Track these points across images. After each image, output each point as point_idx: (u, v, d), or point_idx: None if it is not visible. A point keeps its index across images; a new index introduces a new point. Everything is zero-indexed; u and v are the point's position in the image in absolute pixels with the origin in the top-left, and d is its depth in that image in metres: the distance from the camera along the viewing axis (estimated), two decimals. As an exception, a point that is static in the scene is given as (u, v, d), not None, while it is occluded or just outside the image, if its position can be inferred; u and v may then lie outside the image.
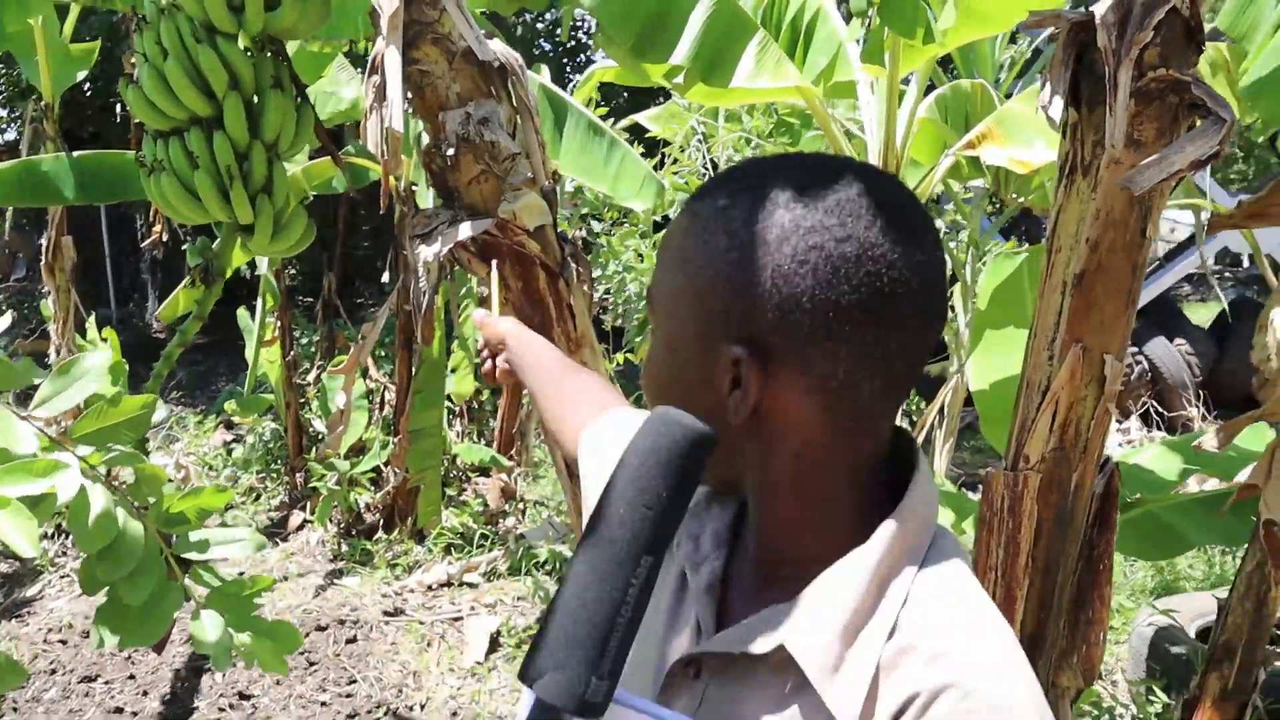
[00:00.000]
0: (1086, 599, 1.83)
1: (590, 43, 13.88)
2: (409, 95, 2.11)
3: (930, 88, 3.75)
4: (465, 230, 2.10)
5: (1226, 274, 14.16)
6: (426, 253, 2.11)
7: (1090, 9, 1.49)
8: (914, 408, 5.18)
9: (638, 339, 5.47)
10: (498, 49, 2.16)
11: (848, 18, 3.24)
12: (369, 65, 2.05)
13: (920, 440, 4.35)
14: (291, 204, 2.19)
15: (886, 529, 0.80)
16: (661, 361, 0.87)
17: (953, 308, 4.38)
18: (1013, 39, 5.42)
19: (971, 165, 3.62)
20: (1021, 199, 3.90)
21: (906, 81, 3.20)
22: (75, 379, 1.87)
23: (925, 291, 0.78)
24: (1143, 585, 4.84)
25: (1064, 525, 1.76)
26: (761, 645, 0.80)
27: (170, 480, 2.02)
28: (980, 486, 1.84)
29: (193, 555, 1.96)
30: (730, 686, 0.83)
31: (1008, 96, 3.89)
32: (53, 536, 5.41)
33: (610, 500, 0.74)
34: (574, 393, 1.38)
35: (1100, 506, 1.80)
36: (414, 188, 4.71)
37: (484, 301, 5.66)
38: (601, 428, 1.19)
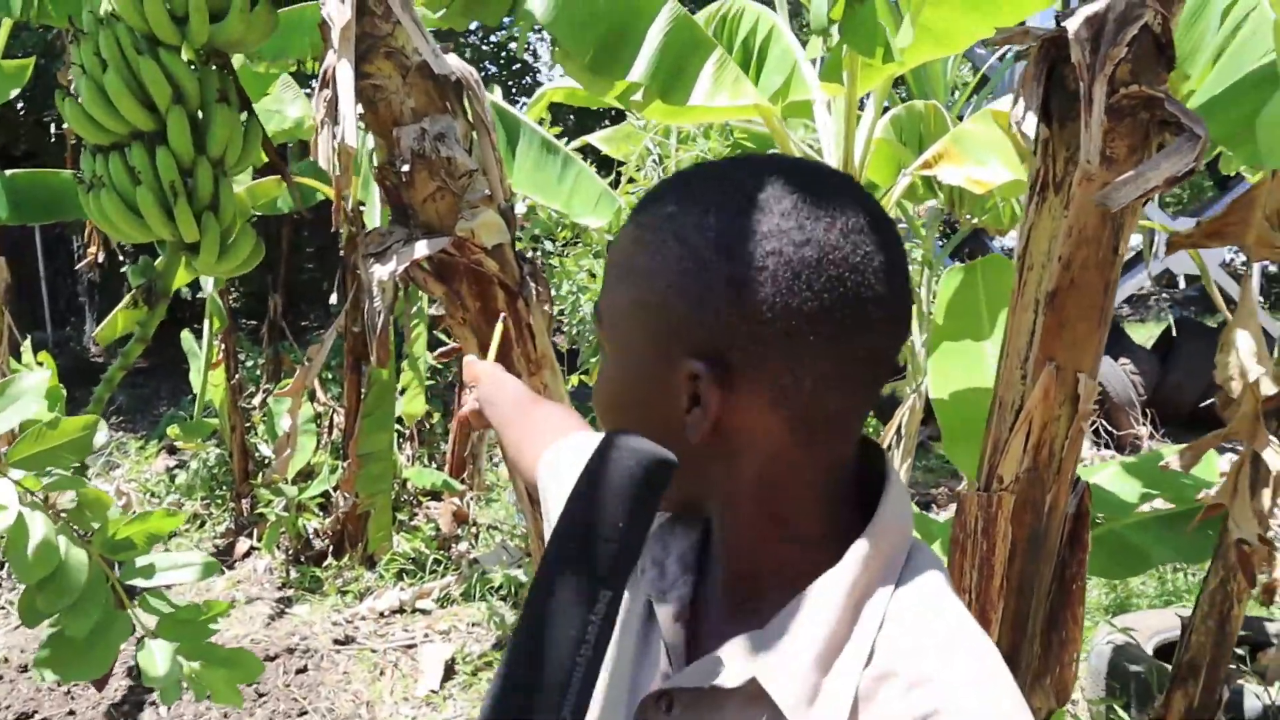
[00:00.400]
0: (1059, 619, 1.81)
1: (537, 65, 13.88)
2: (361, 110, 2.05)
3: (885, 109, 3.76)
4: (421, 249, 2.04)
5: (1164, 294, 14.47)
6: (381, 272, 2.05)
7: (1063, 25, 1.47)
8: (871, 428, 5.18)
9: (592, 360, 5.41)
10: (454, 64, 2.11)
11: (803, 41, 3.23)
12: (320, 79, 1.99)
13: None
14: (239, 222, 2.11)
15: (859, 548, 0.75)
16: (613, 381, 0.82)
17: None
18: (970, 60, 5.48)
19: (925, 186, 3.64)
20: (975, 219, 3.92)
21: (864, 102, 3.20)
22: (11, 400, 1.78)
23: (891, 294, 0.74)
24: (1098, 603, 4.87)
25: (1038, 546, 1.73)
26: (733, 678, 0.75)
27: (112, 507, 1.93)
28: (934, 507, 1.82)
29: (140, 582, 1.87)
30: (702, 714, 0.78)
31: (959, 119, 3.92)
32: (-12, 567, 5.22)
33: (563, 534, 0.71)
34: (536, 422, 1.34)
35: (1073, 526, 1.77)
36: (362, 207, 4.63)
37: (435, 326, 5.57)
38: (560, 451, 1.15)
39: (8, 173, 4.63)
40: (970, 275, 2.83)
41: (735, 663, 0.75)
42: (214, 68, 2.08)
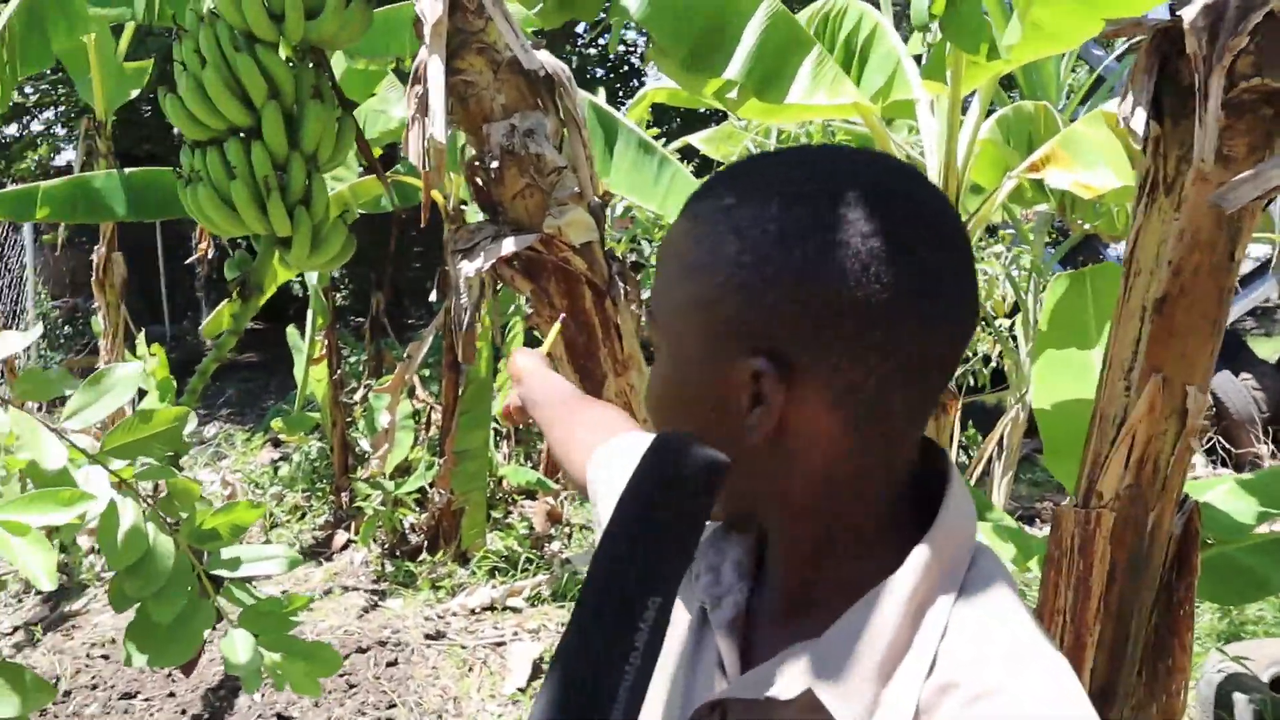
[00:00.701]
0: (1166, 646, 1.71)
1: (643, 68, 13.89)
2: (452, 106, 2.05)
3: (992, 110, 3.64)
4: (508, 245, 2.03)
5: (1291, 308, 13.77)
6: (468, 268, 2.05)
7: (1178, 14, 1.38)
8: (971, 439, 5.03)
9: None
10: (545, 59, 2.10)
11: (906, 36, 3.14)
12: (412, 75, 1.99)
13: (977, 473, 4.21)
14: (331, 217, 2.14)
15: (920, 554, 0.71)
16: (666, 380, 0.79)
17: (1014, 336, 4.24)
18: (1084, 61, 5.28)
19: (1034, 189, 3.50)
20: (1086, 225, 3.77)
21: (968, 101, 3.09)
22: (106, 390, 1.82)
23: (961, 289, 0.71)
24: (1210, 628, 4.64)
25: (1139, 568, 1.63)
26: (788, 689, 0.71)
27: (203, 498, 1.97)
28: (1038, 521, 1.73)
29: (224, 573, 1.90)
30: None
31: (1072, 120, 3.77)
32: (97, 551, 5.42)
33: (614, 537, 0.69)
34: (584, 422, 1.31)
35: (1180, 548, 1.67)
36: (464, 206, 4.67)
37: (530, 325, 5.61)
38: (610, 451, 1.13)
39: (127, 171, 4.81)
40: (1078, 284, 2.71)
41: (791, 673, 0.72)
42: (310, 65, 2.10)
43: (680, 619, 0.86)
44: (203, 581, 1.90)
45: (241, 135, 2.03)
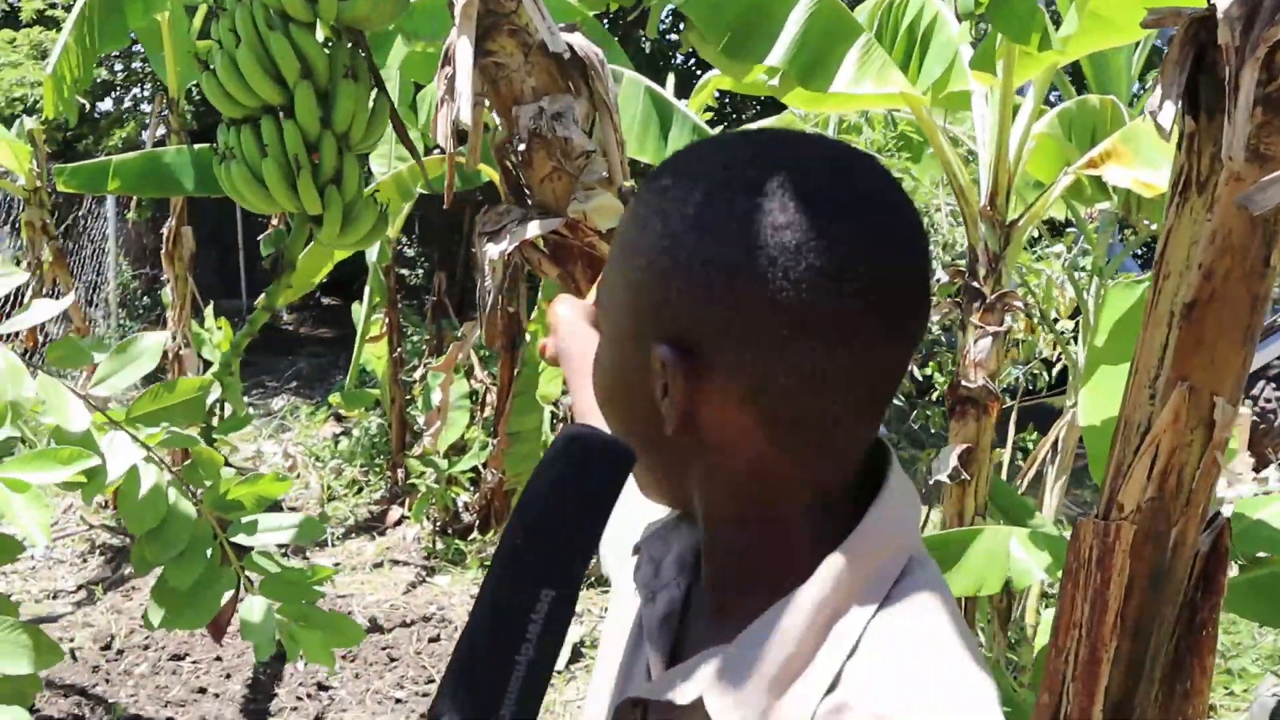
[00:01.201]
0: (1185, 668, 1.64)
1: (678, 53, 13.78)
2: (483, 89, 2.04)
3: (1050, 103, 3.54)
4: (533, 229, 2.02)
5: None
6: (493, 251, 2.04)
7: (1213, 2, 1.31)
8: (1028, 441, 4.91)
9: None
10: (578, 42, 2.07)
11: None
12: (442, 57, 1.99)
13: (1029, 476, 4.11)
14: (363, 196, 2.15)
15: (832, 563, 0.68)
16: (602, 365, 0.78)
17: (1075, 338, 4.12)
18: (1160, 58, 5.10)
19: (1096, 186, 3.39)
20: (1153, 224, 3.63)
21: (1023, 93, 3.00)
22: (132, 359, 1.86)
23: (902, 298, 0.66)
24: (1272, 650, 4.47)
25: (1160, 584, 1.57)
26: (685, 695, 0.69)
27: (238, 469, 2.00)
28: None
29: (243, 539, 1.93)
30: None
31: (1142, 116, 3.63)
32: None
33: (512, 528, 0.67)
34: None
35: (1205, 565, 1.60)
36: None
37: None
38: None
39: (196, 147, 4.92)
40: (1139, 297, 2.62)
41: (697, 678, 0.70)
42: (347, 45, 2.11)
43: (628, 610, 0.85)
44: (225, 549, 1.93)
45: (275, 114, 2.05)
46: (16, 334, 5.16)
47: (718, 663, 0.69)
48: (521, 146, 2.03)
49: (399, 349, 5.99)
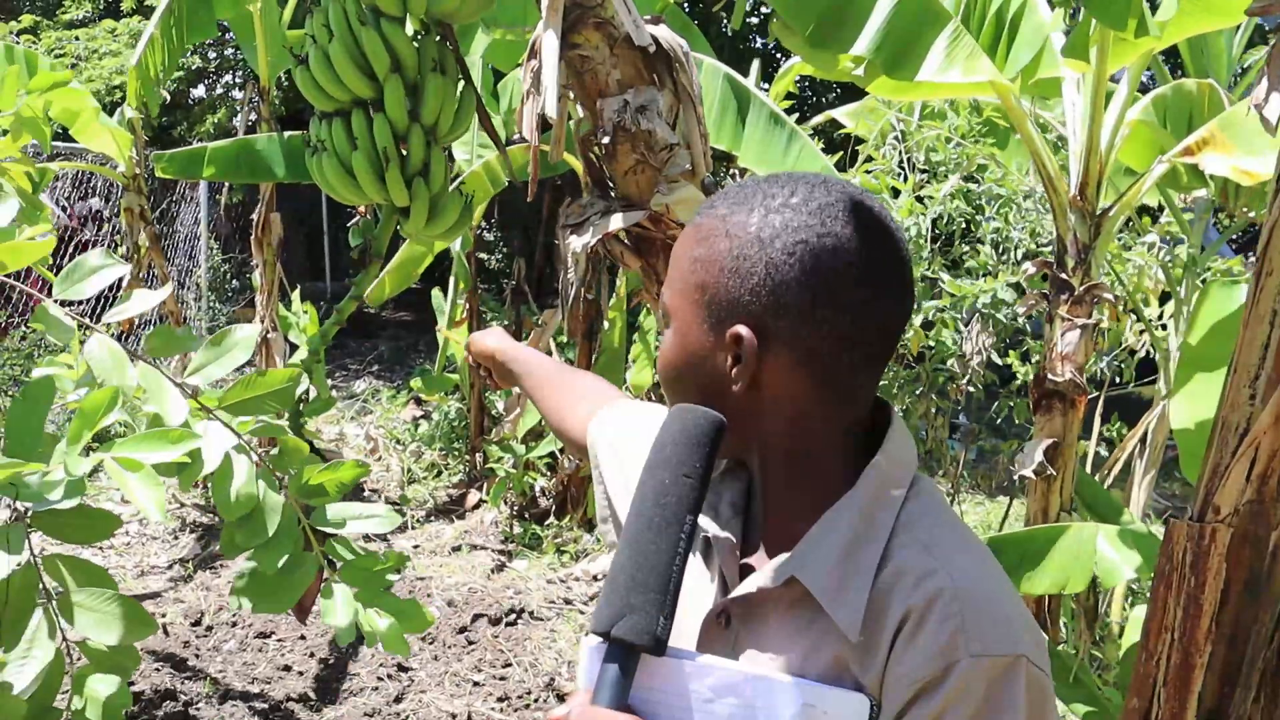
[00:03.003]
0: (1283, 674, 1.59)
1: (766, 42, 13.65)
2: (569, 81, 2.05)
3: (1151, 88, 3.43)
4: (616, 221, 2.03)
5: None
6: (576, 243, 2.06)
7: (1323, -8, 1.26)
8: (1115, 432, 4.79)
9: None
10: (663, 35, 2.07)
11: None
12: (529, 50, 2.01)
13: (1116, 469, 4.01)
14: (448, 188, 2.18)
15: (869, 472, 0.95)
16: (674, 350, 1.01)
17: (1164, 325, 4.01)
18: (1262, 38, 4.92)
19: (1192, 174, 3.28)
20: (1251, 212, 3.51)
21: (1117, 79, 2.92)
22: (226, 350, 1.90)
23: (893, 276, 0.95)
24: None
25: (1258, 589, 1.52)
26: (777, 580, 0.94)
27: (320, 453, 2.05)
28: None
29: (329, 529, 1.97)
30: (756, 626, 0.97)
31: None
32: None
33: (654, 475, 0.90)
34: (574, 390, 1.55)
35: (1306, 571, 1.55)
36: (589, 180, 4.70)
37: (639, 301, 5.62)
38: (609, 414, 1.35)
39: (286, 135, 5.03)
40: (1238, 297, 2.54)
41: (779, 572, 0.95)
42: (435, 38, 2.14)
43: None
44: (308, 535, 1.98)
45: (365, 107, 2.08)
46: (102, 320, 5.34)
47: (792, 557, 0.94)
48: (606, 139, 2.04)
49: (479, 334, 6.06)
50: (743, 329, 0.93)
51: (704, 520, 1.02)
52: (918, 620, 0.88)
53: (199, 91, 11.60)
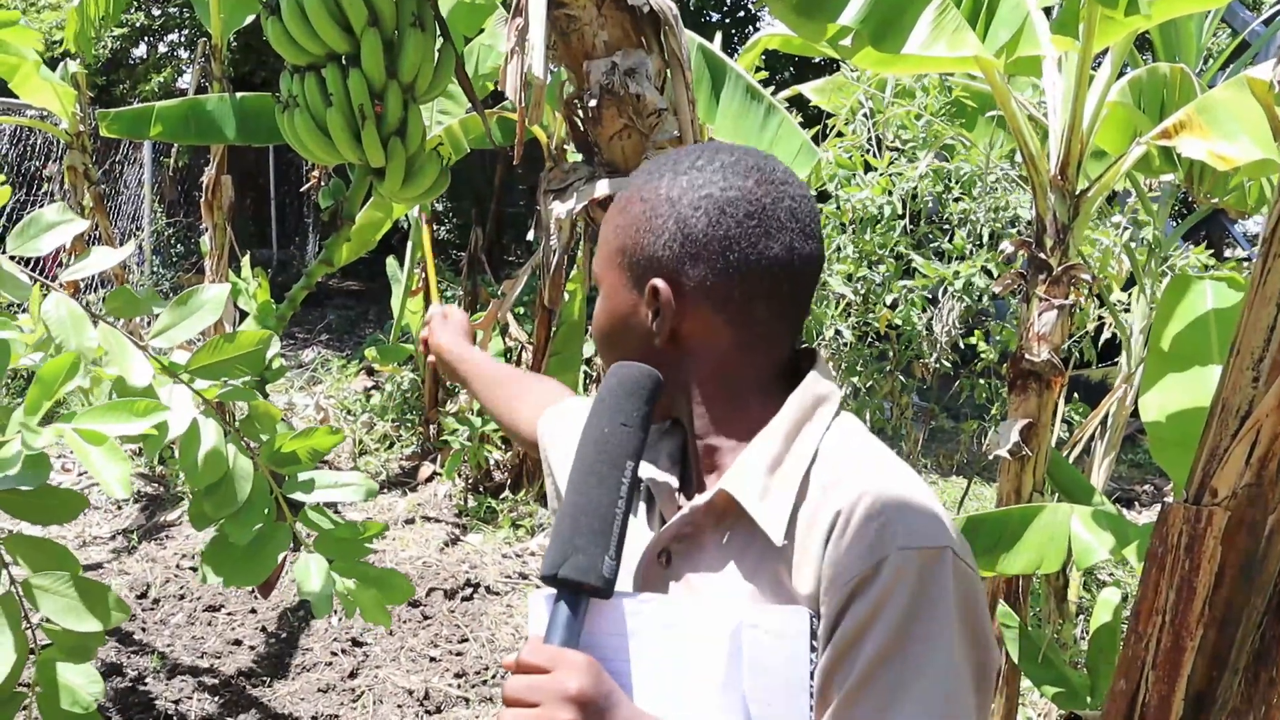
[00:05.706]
0: (1270, 656, 1.59)
1: (756, 12, 13.60)
2: (553, 41, 1.98)
3: (1123, 72, 3.42)
4: (602, 188, 1.97)
5: None
6: (559, 209, 1.99)
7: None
8: (1077, 415, 4.84)
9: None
10: (653, -3, 2.01)
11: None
12: (513, 8, 1.93)
13: (1077, 451, 4.04)
14: (426, 149, 2.10)
15: (790, 401, 1.03)
16: (605, 313, 1.10)
17: (1128, 308, 4.04)
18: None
19: (1162, 158, 3.29)
20: (1216, 200, 3.54)
21: (1098, 62, 2.91)
22: (192, 311, 1.82)
23: (796, 223, 1.02)
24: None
25: (1251, 573, 1.52)
26: (707, 495, 1.02)
27: (284, 420, 1.97)
28: (1137, 505, 1.62)
29: (300, 496, 1.90)
30: (695, 557, 1.03)
31: (1210, 87, 3.52)
32: (195, 465, 5.57)
33: (596, 424, 0.96)
34: (524, 387, 1.62)
35: (1299, 556, 1.54)
36: (567, 146, 4.61)
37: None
38: (557, 410, 1.42)
39: (239, 95, 4.87)
40: (1201, 291, 2.55)
41: (710, 491, 1.02)
42: (414, -8, 2.06)
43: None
44: (280, 505, 1.91)
45: (340, 61, 2.00)
46: (56, 280, 5.17)
47: (719, 479, 1.02)
48: (592, 102, 1.98)
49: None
50: (659, 282, 1.01)
51: (644, 468, 1.07)
52: (844, 522, 0.93)
53: (140, 51, 11.26)
